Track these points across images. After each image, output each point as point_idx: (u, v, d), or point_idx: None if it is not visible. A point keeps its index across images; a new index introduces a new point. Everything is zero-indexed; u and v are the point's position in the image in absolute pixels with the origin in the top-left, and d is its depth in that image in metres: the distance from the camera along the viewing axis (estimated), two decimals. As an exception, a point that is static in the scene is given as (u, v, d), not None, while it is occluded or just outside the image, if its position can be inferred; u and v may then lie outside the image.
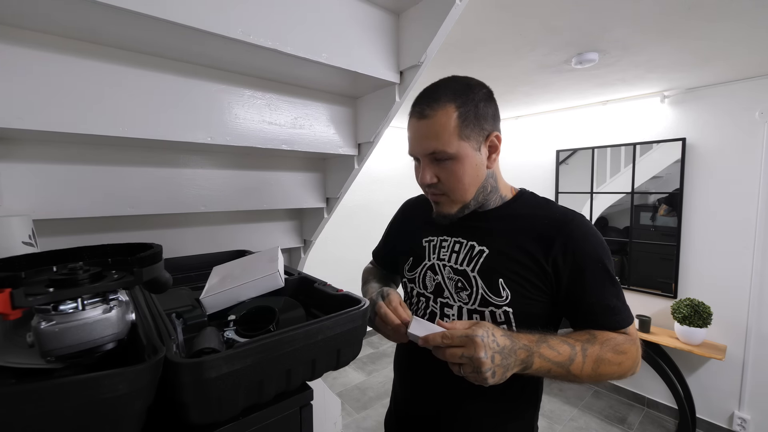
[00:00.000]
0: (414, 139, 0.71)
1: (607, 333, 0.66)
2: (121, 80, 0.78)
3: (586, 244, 0.67)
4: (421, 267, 0.81)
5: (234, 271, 0.78)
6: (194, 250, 1.10)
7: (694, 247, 2.44)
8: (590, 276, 0.66)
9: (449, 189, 0.71)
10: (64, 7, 0.61)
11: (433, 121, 0.67)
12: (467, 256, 0.74)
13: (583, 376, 0.62)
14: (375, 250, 1.02)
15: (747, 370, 2.26)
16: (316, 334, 0.50)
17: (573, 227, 0.68)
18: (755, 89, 2.16)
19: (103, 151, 0.88)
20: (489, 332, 0.58)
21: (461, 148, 0.67)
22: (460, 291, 0.73)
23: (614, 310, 0.66)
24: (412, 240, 0.86)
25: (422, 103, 0.69)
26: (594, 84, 2.31)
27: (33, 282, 0.41)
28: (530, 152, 3.28)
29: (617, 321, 0.66)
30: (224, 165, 1.09)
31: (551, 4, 1.32)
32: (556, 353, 0.61)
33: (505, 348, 0.58)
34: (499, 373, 0.57)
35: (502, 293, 0.69)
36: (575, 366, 0.61)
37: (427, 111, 0.67)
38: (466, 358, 0.56)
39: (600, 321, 0.66)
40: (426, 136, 0.68)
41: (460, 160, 0.68)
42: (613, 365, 0.63)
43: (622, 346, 0.64)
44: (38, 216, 0.78)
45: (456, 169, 0.68)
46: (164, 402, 0.40)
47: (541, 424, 2.58)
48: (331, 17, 0.90)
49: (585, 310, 0.67)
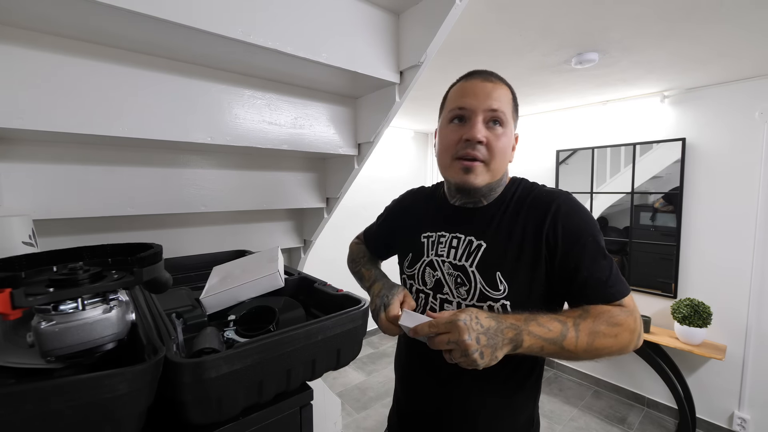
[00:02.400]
0: (475, 95, 0.71)
1: (602, 306, 0.64)
2: (121, 80, 0.78)
3: (573, 219, 0.68)
4: (420, 263, 0.81)
5: (234, 271, 0.78)
6: (194, 250, 1.10)
7: (694, 247, 2.44)
8: (581, 250, 0.66)
9: (493, 154, 0.71)
10: (65, 8, 0.61)
11: (498, 87, 0.72)
12: (465, 251, 0.74)
13: (579, 351, 0.61)
14: (367, 232, 1.02)
15: (747, 370, 2.26)
16: (316, 334, 0.50)
17: (559, 203, 0.69)
18: (755, 89, 2.16)
19: (103, 151, 0.88)
20: (472, 315, 0.58)
21: (510, 124, 0.73)
22: (460, 287, 0.74)
23: (607, 283, 0.65)
24: (411, 236, 0.85)
25: (483, 74, 0.74)
26: (594, 84, 2.31)
27: (33, 282, 0.41)
28: (530, 152, 3.28)
29: (611, 293, 0.65)
30: (224, 165, 1.09)
31: (551, 5, 1.32)
32: (546, 330, 0.60)
33: (491, 329, 0.58)
34: (488, 354, 0.57)
35: (499, 286, 0.69)
36: (568, 342, 0.60)
37: (492, 78, 0.73)
38: (452, 343, 0.57)
39: (594, 295, 0.65)
40: (491, 95, 0.71)
41: (508, 133, 0.72)
42: (608, 338, 0.61)
43: (617, 317, 0.63)
44: (38, 216, 0.78)
45: (504, 138, 0.71)
46: (164, 402, 0.40)
47: (542, 423, 2.58)
48: (332, 17, 0.90)
49: (579, 284, 0.66)
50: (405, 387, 0.86)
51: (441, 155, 0.76)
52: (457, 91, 0.75)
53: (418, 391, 0.82)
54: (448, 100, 0.77)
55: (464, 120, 0.72)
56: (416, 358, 0.81)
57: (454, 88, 0.77)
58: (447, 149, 0.74)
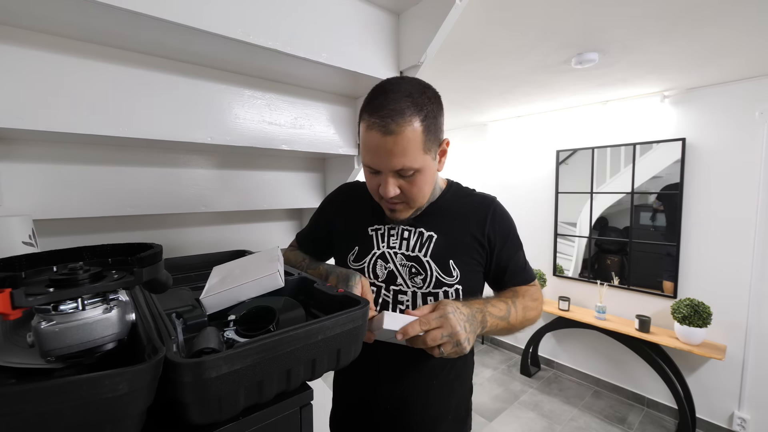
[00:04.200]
0: (377, 154, 0.67)
1: (524, 287, 0.81)
2: (122, 80, 0.78)
3: (505, 220, 0.82)
4: (370, 256, 0.81)
5: (234, 271, 0.78)
6: (194, 250, 1.10)
7: (694, 247, 2.44)
8: (510, 244, 0.81)
9: (410, 198, 0.74)
10: (65, 7, 0.61)
11: (401, 138, 0.64)
12: (418, 242, 0.78)
13: (517, 324, 0.76)
14: (300, 237, 0.98)
15: (747, 369, 2.26)
16: (316, 334, 0.50)
17: (495, 207, 0.82)
18: (755, 89, 2.16)
19: (103, 151, 0.88)
20: (454, 306, 0.65)
21: (425, 161, 0.69)
22: (414, 276, 0.77)
23: (525, 269, 0.83)
24: (355, 229, 0.85)
25: (385, 115, 0.64)
26: (594, 84, 2.31)
27: (33, 282, 0.41)
28: (530, 152, 3.28)
29: (528, 277, 0.83)
30: (224, 165, 1.09)
31: (551, 5, 1.32)
32: (498, 310, 0.73)
33: (468, 315, 0.66)
34: (472, 339, 0.64)
35: (453, 273, 0.76)
36: (512, 317, 0.74)
37: (392, 126, 0.64)
38: (446, 336, 0.61)
39: (519, 278, 0.81)
40: (392, 153, 0.65)
41: (423, 173, 0.70)
42: (533, 310, 0.79)
43: (535, 294, 0.82)
44: (38, 216, 0.78)
45: (419, 180, 0.71)
46: (164, 402, 0.40)
47: (542, 423, 2.59)
48: (331, 17, 0.90)
49: (510, 271, 0.81)
50: (365, 383, 0.83)
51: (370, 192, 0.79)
52: (364, 139, 0.70)
53: (378, 385, 0.80)
54: (360, 140, 0.73)
55: (378, 173, 0.71)
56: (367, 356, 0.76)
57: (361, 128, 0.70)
58: (372, 191, 0.77)
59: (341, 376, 0.89)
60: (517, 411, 2.74)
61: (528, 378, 3.17)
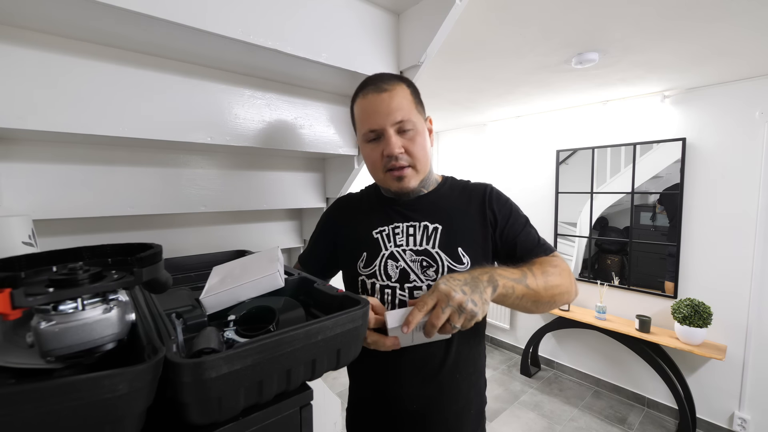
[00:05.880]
0: (377, 112, 0.74)
1: (541, 257, 0.78)
2: (122, 80, 0.78)
3: (502, 197, 0.84)
4: (379, 259, 0.81)
5: (234, 271, 0.78)
6: (194, 250, 1.10)
7: (694, 247, 2.44)
8: (513, 220, 0.81)
9: (415, 158, 0.77)
10: (65, 7, 0.61)
11: (395, 93, 0.74)
12: (424, 235, 0.80)
13: (540, 290, 0.71)
14: (303, 258, 0.98)
15: (747, 370, 2.26)
16: (316, 334, 0.50)
17: (491, 188, 0.85)
18: (755, 89, 2.16)
19: (103, 151, 0.88)
20: (446, 277, 0.64)
21: (419, 121, 0.77)
22: (427, 269, 0.78)
23: (539, 242, 0.81)
24: (360, 236, 0.85)
25: (376, 80, 0.76)
26: (594, 84, 2.31)
27: (33, 282, 0.40)
28: (530, 152, 3.28)
29: (545, 249, 0.80)
30: (224, 165, 1.09)
31: (551, 5, 1.32)
32: (510, 272, 0.70)
33: (467, 279, 0.64)
34: (478, 300, 0.62)
35: (463, 260, 0.77)
36: (530, 281, 0.70)
37: (385, 85, 0.74)
38: (447, 308, 0.60)
39: (534, 252, 0.79)
40: (390, 107, 0.73)
41: (420, 132, 0.77)
42: (555, 276, 0.73)
43: (554, 261, 0.77)
44: (38, 216, 0.78)
45: (418, 139, 0.76)
46: (164, 402, 0.40)
47: (542, 424, 2.58)
48: (331, 17, 0.90)
49: (521, 246, 0.79)
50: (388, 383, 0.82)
51: (372, 172, 0.84)
52: (361, 111, 0.78)
53: (400, 385, 0.79)
54: (357, 120, 0.81)
55: (379, 138, 0.77)
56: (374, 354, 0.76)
57: (357, 106, 0.80)
58: (374, 166, 0.80)
59: (360, 375, 0.90)
60: (517, 411, 2.74)
61: (528, 378, 3.17)
